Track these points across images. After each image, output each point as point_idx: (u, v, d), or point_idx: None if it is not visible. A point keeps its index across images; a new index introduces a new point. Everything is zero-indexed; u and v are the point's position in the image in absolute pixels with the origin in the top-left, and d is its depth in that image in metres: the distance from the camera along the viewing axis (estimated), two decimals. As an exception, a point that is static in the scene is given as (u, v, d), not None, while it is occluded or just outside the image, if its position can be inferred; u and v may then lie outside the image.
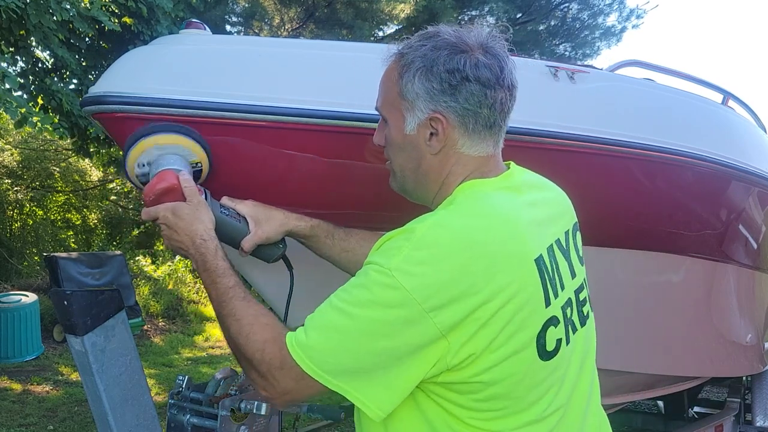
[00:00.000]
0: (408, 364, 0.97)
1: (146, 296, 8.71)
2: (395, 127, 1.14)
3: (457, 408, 1.02)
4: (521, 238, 1.03)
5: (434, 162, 1.12)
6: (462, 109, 1.08)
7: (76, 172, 12.06)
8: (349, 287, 1.01)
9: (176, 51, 1.46)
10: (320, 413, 1.75)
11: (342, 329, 0.97)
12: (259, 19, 9.87)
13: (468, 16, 11.58)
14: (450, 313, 0.95)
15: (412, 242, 0.98)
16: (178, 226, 1.22)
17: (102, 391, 1.64)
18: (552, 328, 1.03)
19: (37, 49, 5.89)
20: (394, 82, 1.12)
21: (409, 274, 0.95)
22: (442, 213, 1.06)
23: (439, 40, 1.08)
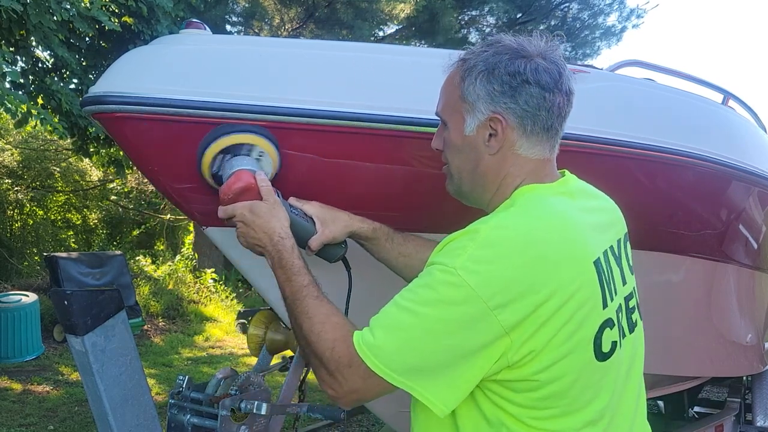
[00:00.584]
0: (472, 361, 0.99)
1: (146, 296, 8.71)
2: (455, 129, 1.17)
3: (513, 406, 1.04)
4: (581, 240, 1.06)
5: (492, 163, 1.15)
6: (521, 111, 1.11)
7: (77, 172, 12.06)
8: (414, 287, 1.04)
9: (176, 51, 1.46)
10: (320, 413, 1.75)
11: (408, 328, 1.00)
12: (259, 19, 9.87)
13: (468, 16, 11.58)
14: (513, 310, 0.97)
15: (476, 242, 1.00)
16: (255, 223, 1.26)
17: (102, 391, 1.64)
18: (608, 329, 1.06)
19: (37, 49, 5.89)
20: (456, 86, 1.16)
21: (474, 272, 0.97)
22: (505, 214, 1.09)
23: (500, 46, 1.13)
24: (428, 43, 9.93)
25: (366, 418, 4.36)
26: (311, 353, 1.11)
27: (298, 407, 1.82)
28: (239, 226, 1.30)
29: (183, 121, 1.40)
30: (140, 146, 1.44)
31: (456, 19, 10.30)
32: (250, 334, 2.00)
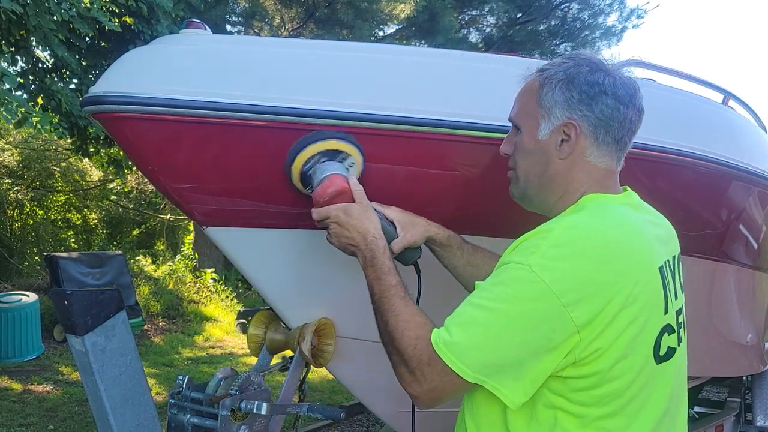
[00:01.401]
0: (544, 356, 1.02)
1: (146, 296, 8.71)
2: (528, 132, 1.22)
3: (570, 403, 1.06)
4: (648, 246, 1.11)
5: (561, 167, 1.20)
6: (596, 119, 1.16)
7: (77, 172, 12.06)
8: (488, 285, 1.07)
9: (176, 51, 1.46)
10: (320, 413, 1.75)
11: (483, 324, 1.03)
12: (260, 19, 9.87)
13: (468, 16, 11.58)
14: (585, 308, 1.00)
15: (549, 240, 1.04)
16: (349, 224, 1.33)
17: (102, 391, 1.64)
18: (666, 335, 1.10)
19: (37, 49, 5.89)
20: (534, 93, 1.21)
21: (548, 268, 1.01)
22: (577, 216, 1.13)
23: (581, 59, 1.20)
24: (428, 43, 9.93)
25: (366, 418, 4.36)
26: (393, 350, 1.14)
27: (298, 407, 1.82)
28: (332, 227, 1.36)
29: (183, 121, 1.40)
30: (140, 146, 1.45)
31: (456, 19, 10.30)
32: (250, 333, 2.00)
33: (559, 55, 1.25)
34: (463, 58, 1.74)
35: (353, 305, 1.94)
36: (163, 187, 1.54)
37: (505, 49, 10.50)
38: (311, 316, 1.86)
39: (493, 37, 11.44)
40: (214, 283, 10.23)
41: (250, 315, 2.10)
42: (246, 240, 1.69)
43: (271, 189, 1.58)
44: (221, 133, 1.45)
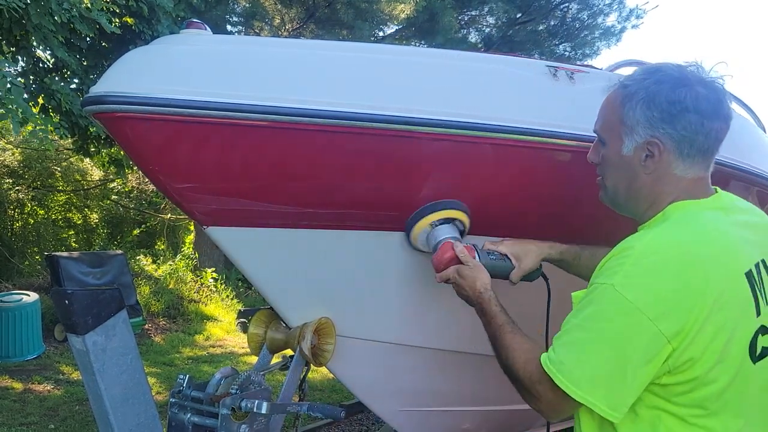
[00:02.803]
0: (640, 369, 1.07)
1: (147, 295, 8.70)
2: (612, 147, 1.27)
3: (671, 405, 1.11)
4: (734, 253, 1.13)
5: (647, 181, 1.24)
6: (679, 136, 1.19)
7: (77, 172, 12.05)
8: (581, 306, 1.14)
9: (177, 51, 1.47)
10: (320, 412, 1.75)
11: (579, 343, 1.11)
12: (260, 19, 9.87)
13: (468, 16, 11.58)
14: (672, 320, 1.05)
15: (631, 258, 1.10)
16: (463, 284, 1.55)
17: (103, 390, 1.65)
18: (761, 336, 1.13)
19: (38, 49, 5.89)
20: (616, 109, 1.25)
21: (631, 286, 1.07)
22: (658, 230, 1.17)
23: (661, 74, 1.21)
24: (428, 43, 9.93)
25: (366, 418, 4.36)
26: (512, 377, 1.26)
27: (299, 406, 1.83)
28: (453, 286, 1.60)
29: (183, 121, 1.41)
30: (141, 146, 1.45)
31: (456, 19, 10.30)
32: (251, 333, 2.01)
33: (642, 68, 1.25)
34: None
35: (353, 304, 1.95)
36: (164, 186, 1.54)
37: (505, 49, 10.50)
38: (311, 316, 1.87)
39: (492, 37, 11.43)
40: (215, 282, 10.23)
41: (250, 314, 2.11)
42: (246, 239, 1.70)
43: (271, 188, 1.59)
44: (221, 133, 1.45)
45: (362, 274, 1.90)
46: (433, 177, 1.68)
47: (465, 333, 2.16)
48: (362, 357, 2.06)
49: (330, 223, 1.73)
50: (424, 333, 2.11)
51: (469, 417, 2.54)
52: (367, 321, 2.01)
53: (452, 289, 1.61)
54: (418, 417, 2.36)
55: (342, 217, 1.73)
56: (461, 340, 2.17)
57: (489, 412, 2.56)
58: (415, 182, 1.68)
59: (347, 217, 1.73)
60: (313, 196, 1.64)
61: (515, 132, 1.66)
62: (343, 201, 1.67)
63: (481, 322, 1.44)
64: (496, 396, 2.50)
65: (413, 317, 2.07)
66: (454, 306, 2.07)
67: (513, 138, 1.66)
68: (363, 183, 1.64)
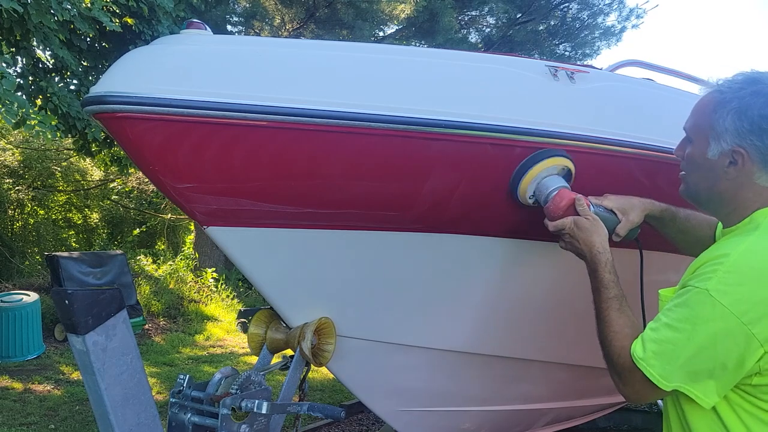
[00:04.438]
0: (729, 367, 1.13)
1: (147, 295, 8.71)
2: (699, 149, 1.30)
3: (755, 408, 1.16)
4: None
5: (729, 186, 1.27)
6: (765, 149, 1.22)
7: (78, 172, 12.06)
8: (674, 307, 1.19)
9: (177, 51, 1.47)
10: (321, 412, 1.75)
11: (672, 342, 1.16)
12: (260, 19, 9.87)
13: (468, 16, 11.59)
14: (764, 325, 1.10)
15: (726, 266, 1.14)
16: (580, 236, 1.53)
17: (103, 390, 1.65)
18: None
19: (38, 49, 5.89)
20: (708, 113, 1.27)
21: (727, 293, 1.12)
22: (753, 239, 1.19)
23: (760, 86, 1.23)
24: (428, 43, 9.93)
25: (366, 417, 4.36)
26: (605, 355, 1.30)
27: (299, 406, 1.83)
28: (566, 237, 1.57)
29: (184, 121, 1.41)
30: (141, 146, 1.45)
31: (456, 20, 10.30)
32: (251, 333, 2.01)
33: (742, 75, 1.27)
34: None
35: (354, 304, 1.95)
36: (164, 186, 1.54)
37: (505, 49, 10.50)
38: (312, 316, 1.87)
39: (492, 37, 11.43)
40: (215, 282, 10.24)
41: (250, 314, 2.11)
42: (246, 239, 1.70)
43: (271, 188, 1.59)
44: (221, 133, 1.45)
45: (362, 274, 1.90)
46: (434, 177, 1.68)
47: (466, 333, 2.16)
48: (362, 357, 2.06)
49: (330, 223, 1.73)
50: (424, 333, 2.11)
51: (469, 417, 2.54)
52: (368, 321, 2.01)
53: (453, 290, 1.59)
54: (417, 417, 2.36)
55: (342, 216, 1.73)
56: (462, 340, 2.17)
57: (489, 412, 2.56)
58: (415, 182, 1.68)
59: (347, 216, 1.73)
60: (312, 196, 1.64)
61: (515, 132, 1.66)
62: (343, 201, 1.67)
63: (590, 282, 1.44)
64: (496, 396, 2.50)
65: (413, 317, 2.07)
66: (454, 306, 2.07)
67: (513, 138, 1.66)
68: (363, 183, 1.64)
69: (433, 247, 1.88)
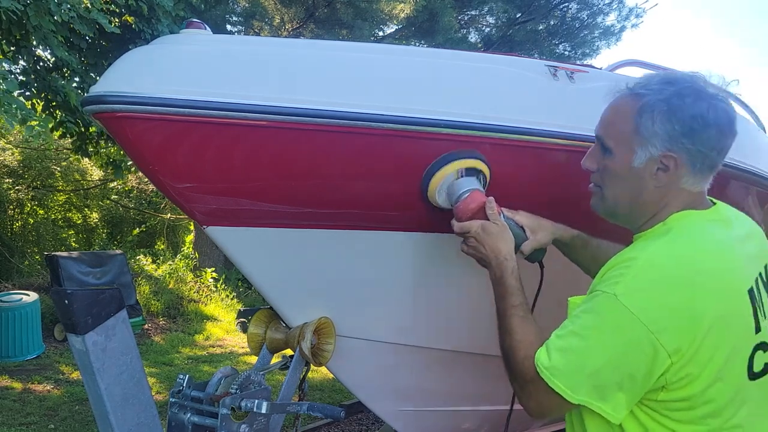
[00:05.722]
0: (637, 378, 1.06)
1: (147, 295, 8.70)
2: (621, 159, 1.21)
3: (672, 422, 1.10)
4: (737, 271, 1.12)
5: (655, 194, 1.21)
6: (696, 151, 1.16)
7: (77, 172, 12.05)
8: (581, 313, 1.12)
9: (177, 51, 1.47)
10: (320, 412, 1.75)
11: (578, 351, 1.09)
12: (260, 18, 9.87)
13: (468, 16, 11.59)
14: (673, 334, 1.04)
15: (634, 269, 1.08)
16: (486, 241, 1.44)
17: (103, 390, 1.65)
18: (761, 352, 1.12)
19: (38, 49, 5.88)
20: (629, 119, 1.19)
21: (634, 298, 1.05)
22: (662, 242, 1.14)
23: (681, 87, 1.16)
24: (428, 43, 9.93)
25: (366, 417, 4.36)
26: (507, 366, 1.23)
27: (299, 406, 1.83)
28: (470, 241, 1.48)
29: (183, 121, 1.41)
30: (141, 146, 1.45)
31: (456, 19, 10.30)
32: (250, 332, 2.01)
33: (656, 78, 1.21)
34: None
35: (353, 304, 1.95)
36: (164, 186, 1.54)
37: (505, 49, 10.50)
38: (311, 315, 1.87)
39: (492, 37, 11.43)
40: (215, 282, 10.23)
41: (250, 314, 2.11)
42: (246, 239, 1.70)
43: (271, 188, 1.59)
44: (221, 133, 1.45)
45: (362, 274, 1.90)
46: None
47: (466, 333, 2.16)
48: (362, 357, 2.06)
49: (330, 223, 1.74)
50: (424, 333, 2.11)
51: (469, 417, 2.54)
52: (368, 321, 2.01)
53: (455, 289, 1.57)
54: (417, 417, 2.36)
55: (342, 216, 1.73)
56: (462, 339, 2.17)
57: (489, 412, 2.56)
58: (415, 182, 1.67)
59: (347, 216, 1.73)
60: (312, 196, 1.64)
61: (515, 132, 1.66)
62: (343, 201, 1.67)
63: (494, 290, 1.37)
64: (496, 396, 2.50)
65: (414, 317, 2.07)
66: (455, 305, 2.07)
67: (513, 138, 1.66)
68: (363, 183, 1.64)
69: (428, 247, 1.88)
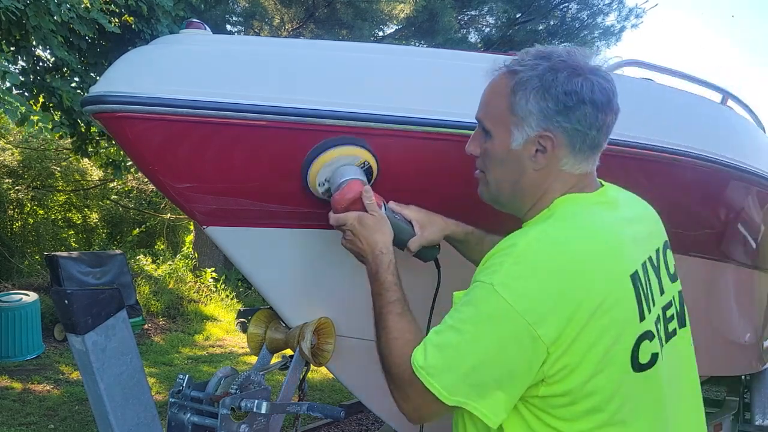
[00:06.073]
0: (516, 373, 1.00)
1: (147, 295, 8.71)
2: (499, 141, 1.15)
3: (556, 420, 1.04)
4: (619, 254, 1.06)
5: (535, 177, 1.15)
6: (573, 130, 1.10)
7: (77, 172, 12.05)
8: (459, 305, 1.06)
9: (177, 51, 1.47)
10: (320, 412, 1.75)
11: (455, 346, 1.02)
12: (260, 18, 9.87)
13: (467, 16, 11.59)
14: (550, 324, 0.98)
15: (513, 257, 1.02)
16: (362, 234, 1.34)
17: (103, 390, 1.65)
18: (646, 341, 1.06)
19: (37, 49, 5.89)
20: (504, 97, 1.13)
21: (510, 287, 0.99)
22: (543, 227, 1.09)
23: (555, 61, 1.10)
24: (427, 43, 9.93)
25: (366, 418, 4.36)
26: (383, 366, 1.16)
27: (298, 406, 1.83)
28: (347, 234, 1.38)
29: (183, 121, 1.41)
30: (140, 146, 1.45)
31: (455, 19, 10.30)
32: (250, 332, 2.00)
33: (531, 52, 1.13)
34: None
35: (353, 304, 1.95)
36: (163, 186, 1.54)
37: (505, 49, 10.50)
38: (311, 315, 1.86)
39: (492, 37, 11.43)
40: (215, 282, 10.24)
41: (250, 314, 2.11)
42: (245, 239, 1.70)
43: (271, 188, 1.59)
44: (221, 133, 1.45)
45: (363, 274, 1.90)
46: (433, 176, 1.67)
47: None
48: (362, 357, 2.06)
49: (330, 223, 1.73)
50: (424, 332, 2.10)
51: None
52: (368, 321, 2.00)
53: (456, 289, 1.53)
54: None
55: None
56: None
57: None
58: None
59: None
60: (312, 196, 1.64)
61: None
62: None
63: (371, 287, 1.28)
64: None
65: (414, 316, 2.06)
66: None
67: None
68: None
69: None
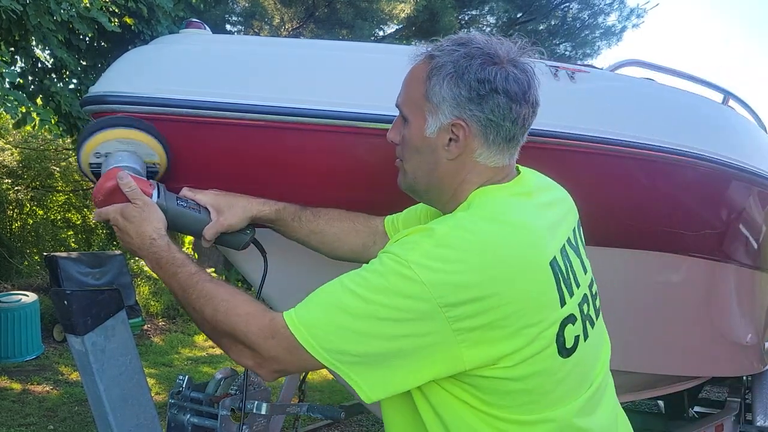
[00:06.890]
0: (414, 357, 0.98)
1: (146, 296, 8.71)
2: (415, 127, 1.13)
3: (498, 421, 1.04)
4: (537, 243, 1.05)
5: (450, 168, 1.13)
6: (486, 120, 1.08)
7: (77, 172, 12.04)
8: (364, 272, 1.02)
9: (176, 51, 1.46)
10: (320, 413, 1.75)
11: (352, 311, 0.98)
12: (259, 18, 9.87)
13: (468, 16, 11.59)
14: (465, 312, 0.96)
15: (433, 239, 0.99)
16: (128, 228, 1.22)
17: (102, 391, 1.64)
18: (570, 326, 1.06)
19: (36, 49, 5.89)
20: (421, 83, 1.11)
21: (428, 268, 0.96)
22: (463, 215, 1.07)
23: (472, 47, 1.08)
24: (428, 42, 9.92)
25: (366, 418, 4.36)
26: (221, 333, 1.09)
27: (298, 407, 1.82)
28: (116, 230, 1.26)
29: (183, 121, 1.40)
30: (140, 146, 1.44)
31: (456, 19, 10.31)
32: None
33: (450, 38, 1.11)
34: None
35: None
36: (163, 186, 1.54)
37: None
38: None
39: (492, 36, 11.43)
40: (214, 282, 10.23)
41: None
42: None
43: (271, 188, 1.58)
44: (221, 133, 1.45)
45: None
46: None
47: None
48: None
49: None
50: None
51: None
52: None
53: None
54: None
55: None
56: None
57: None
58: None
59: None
60: (312, 196, 1.63)
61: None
62: (343, 200, 1.67)
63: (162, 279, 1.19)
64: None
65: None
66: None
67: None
68: (363, 182, 1.63)
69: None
